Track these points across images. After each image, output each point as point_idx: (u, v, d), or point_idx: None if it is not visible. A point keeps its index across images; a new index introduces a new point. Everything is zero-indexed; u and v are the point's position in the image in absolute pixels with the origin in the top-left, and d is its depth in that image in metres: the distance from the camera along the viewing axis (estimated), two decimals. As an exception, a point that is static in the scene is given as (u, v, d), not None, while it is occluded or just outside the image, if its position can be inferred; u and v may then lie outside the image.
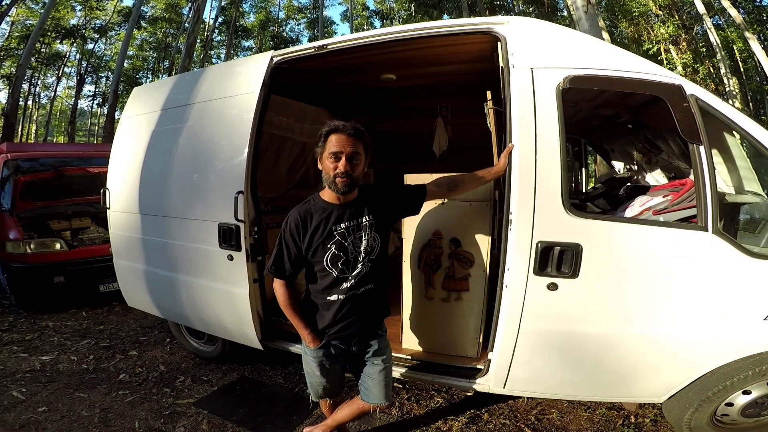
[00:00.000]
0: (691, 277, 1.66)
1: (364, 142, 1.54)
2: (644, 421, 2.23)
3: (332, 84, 3.37)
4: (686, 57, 12.22)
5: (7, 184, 4.53)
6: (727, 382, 1.71)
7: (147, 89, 3.23)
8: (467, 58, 2.56)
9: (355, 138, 1.50)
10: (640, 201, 1.97)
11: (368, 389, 1.74)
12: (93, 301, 4.34)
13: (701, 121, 1.61)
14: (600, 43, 1.90)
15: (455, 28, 2.02)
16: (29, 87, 22.19)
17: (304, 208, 1.59)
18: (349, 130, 1.50)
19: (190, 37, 13.05)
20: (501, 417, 2.30)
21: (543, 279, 1.71)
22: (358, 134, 1.52)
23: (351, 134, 1.50)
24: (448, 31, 2.03)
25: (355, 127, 1.52)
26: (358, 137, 1.51)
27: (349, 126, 1.51)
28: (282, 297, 1.62)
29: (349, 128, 1.50)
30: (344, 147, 1.48)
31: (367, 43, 2.16)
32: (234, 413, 2.37)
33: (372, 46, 2.21)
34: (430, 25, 2.06)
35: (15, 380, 2.77)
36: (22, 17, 19.62)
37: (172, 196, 2.60)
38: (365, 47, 2.22)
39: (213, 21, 20.87)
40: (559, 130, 1.68)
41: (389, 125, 4.22)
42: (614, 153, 3.43)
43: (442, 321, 2.18)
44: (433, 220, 2.11)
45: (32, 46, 12.46)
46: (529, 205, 1.69)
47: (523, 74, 1.74)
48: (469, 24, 2.02)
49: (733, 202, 1.84)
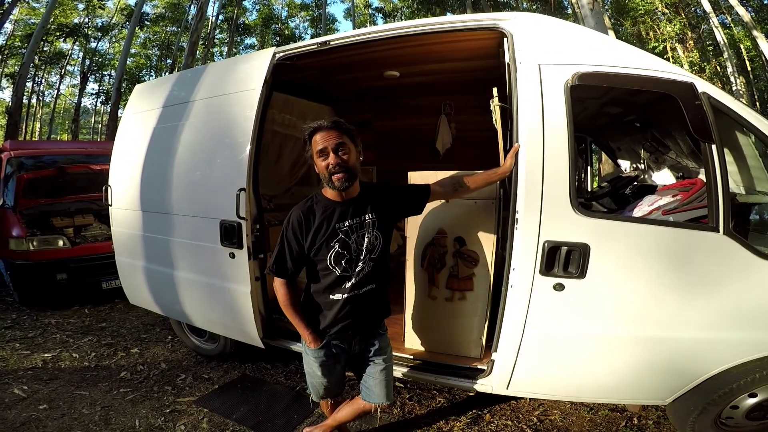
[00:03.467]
0: (701, 279, 1.63)
1: (346, 130, 1.53)
2: (647, 423, 2.20)
3: (335, 81, 3.35)
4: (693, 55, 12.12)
5: (10, 181, 4.55)
6: (734, 384, 1.68)
7: (149, 86, 3.22)
8: (471, 55, 2.53)
9: (335, 130, 1.50)
10: (648, 200, 1.93)
11: (369, 389, 1.72)
12: (95, 298, 4.35)
13: (713, 120, 1.58)
14: (609, 40, 1.87)
15: (460, 24, 1.99)
16: (33, 85, 22.30)
17: (306, 205, 1.58)
18: (327, 124, 1.50)
19: (193, 35, 12.99)
20: (503, 418, 2.28)
21: (549, 279, 1.68)
22: (337, 125, 1.51)
23: (330, 127, 1.50)
24: (452, 27, 2.00)
25: (332, 120, 1.52)
26: (338, 128, 1.51)
27: (324, 121, 1.51)
28: (283, 296, 1.60)
29: (327, 123, 1.51)
30: (328, 142, 1.48)
31: (369, 39, 2.14)
32: (235, 412, 2.36)
33: (375, 43, 2.19)
34: (434, 21, 2.03)
35: (17, 377, 2.78)
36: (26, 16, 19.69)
37: (174, 193, 2.59)
38: (368, 44, 2.20)
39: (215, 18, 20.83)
40: (567, 127, 1.65)
41: (392, 123, 4.20)
42: (621, 151, 3.39)
43: (445, 321, 2.15)
44: (438, 219, 2.08)
45: (35, 45, 12.48)
46: (536, 204, 1.66)
47: (531, 71, 1.71)
48: (474, 20, 1.98)
49: (744, 203, 1.80)
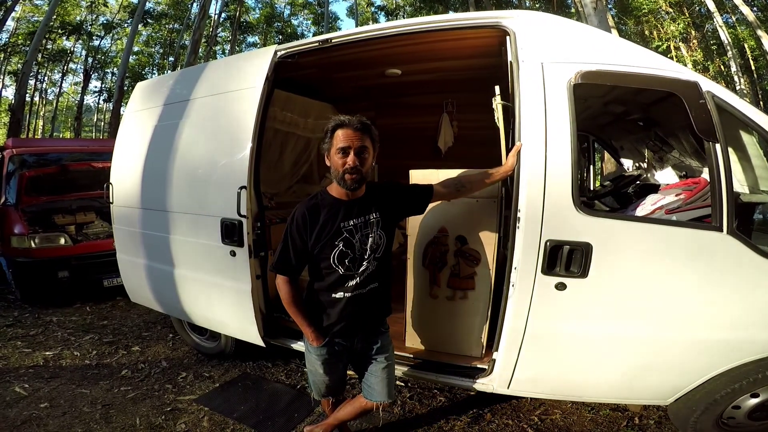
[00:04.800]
0: (704, 278, 1.62)
1: (371, 135, 1.51)
2: (648, 423, 2.19)
3: (336, 79, 3.34)
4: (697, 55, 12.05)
5: (12, 179, 4.56)
6: (736, 384, 1.68)
7: (150, 84, 3.21)
8: (474, 53, 2.52)
9: (362, 132, 1.47)
10: (652, 199, 1.92)
11: (371, 387, 1.72)
12: (97, 295, 4.36)
13: (718, 119, 1.57)
14: (613, 38, 1.85)
15: (462, 21, 1.98)
16: (36, 83, 22.34)
17: (311, 203, 1.56)
18: (356, 125, 1.47)
19: (196, 33, 13.01)
20: (504, 417, 2.27)
21: (551, 278, 1.67)
22: (365, 128, 1.49)
23: (358, 128, 1.47)
24: (454, 25, 1.99)
25: (361, 120, 1.49)
26: (365, 131, 1.48)
27: (355, 120, 1.48)
28: (286, 294, 1.59)
29: (356, 122, 1.47)
30: (352, 142, 1.45)
31: (371, 37, 2.13)
32: (235, 410, 2.36)
33: (377, 41, 2.18)
34: (436, 19, 2.02)
35: (18, 376, 2.78)
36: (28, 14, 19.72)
37: (175, 191, 2.58)
38: (370, 41, 2.19)
39: (217, 16, 20.83)
40: (570, 126, 1.64)
41: (394, 121, 4.18)
42: (623, 150, 3.37)
43: (446, 320, 2.15)
44: (439, 217, 2.07)
45: (38, 43, 12.51)
46: (539, 203, 1.65)
47: (533, 69, 1.70)
48: (476, 18, 1.98)
49: (748, 202, 1.79)
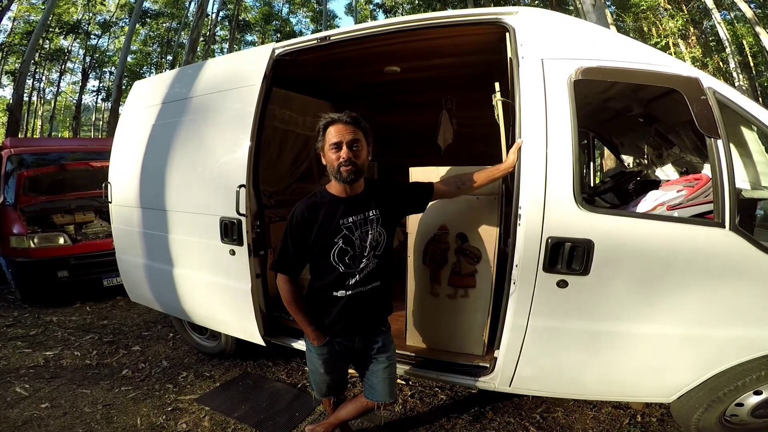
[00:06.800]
0: (706, 275, 1.61)
1: (363, 128, 1.53)
2: (651, 420, 2.19)
3: (335, 77, 3.32)
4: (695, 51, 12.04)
5: (11, 178, 4.55)
6: (739, 382, 1.67)
7: (148, 83, 3.20)
8: (473, 50, 2.50)
9: (352, 125, 1.50)
10: (653, 196, 1.92)
11: (372, 386, 1.72)
12: (97, 295, 4.35)
13: (719, 115, 1.56)
14: (613, 34, 1.84)
15: (461, 18, 1.97)
16: (33, 83, 22.25)
17: (310, 201, 1.57)
18: (345, 119, 1.50)
19: (194, 32, 12.94)
20: (505, 415, 2.27)
21: (552, 276, 1.66)
22: (355, 121, 1.51)
23: (348, 122, 1.50)
24: (454, 22, 1.98)
25: (350, 115, 1.52)
26: (356, 124, 1.51)
27: (344, 115, 1.51)
28: (286, 293, 1.59)
29: (345, 117, 1.51)
30: (343, 136, 1.48)
31: (370, 34, 2.11)
32: (236, 410, 2.36)
33: (375, 38, 2.16)
34: (436, 16, 2.01)
35: (18, 376, 2.78)
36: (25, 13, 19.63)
37: (174, 190, 2.57)
38: (368, 38, 2.17)
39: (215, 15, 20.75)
40: (571, 122, 1.63)
41: (393, 118, 4.17)
42: (624, 147, 3.36)
43: (447, 318, 2.14)
44: (439, 215, 2.07)
45: (36, 42, 12.44)
46: (539, 200, 1.64)
47: (533, 65, 1.69)
48: (476, 14, 1.96)
49: (750, 198, 1.78)
